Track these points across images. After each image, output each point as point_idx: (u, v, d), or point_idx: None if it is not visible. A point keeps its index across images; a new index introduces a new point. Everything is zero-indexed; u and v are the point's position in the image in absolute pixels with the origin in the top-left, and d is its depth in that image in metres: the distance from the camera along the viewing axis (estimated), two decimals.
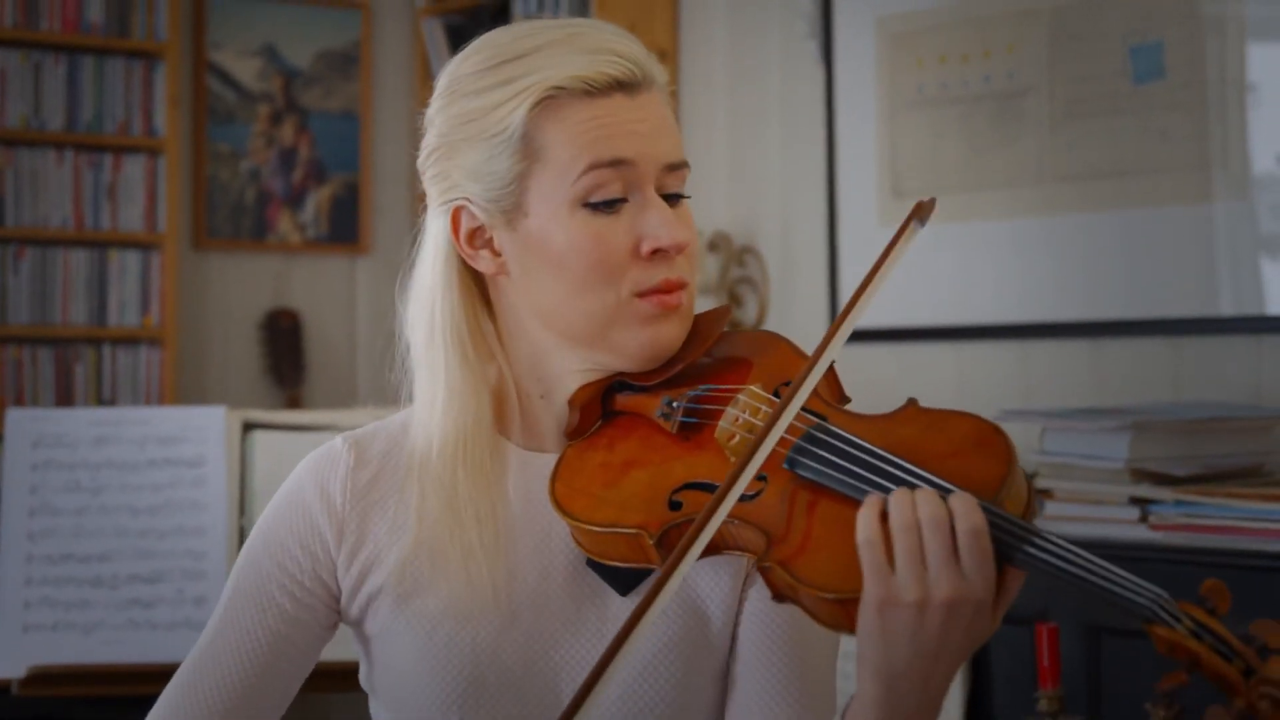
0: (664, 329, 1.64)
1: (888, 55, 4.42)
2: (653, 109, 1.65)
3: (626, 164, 1.62)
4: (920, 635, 1.41)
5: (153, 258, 5.44)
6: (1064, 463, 3.39)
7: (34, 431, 3.47)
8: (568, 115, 1.62)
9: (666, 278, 1.63)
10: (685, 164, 1.68)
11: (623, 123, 1.62)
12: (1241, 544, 3.10)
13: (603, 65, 1.62)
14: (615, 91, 1.62)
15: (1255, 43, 3.70)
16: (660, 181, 1.65)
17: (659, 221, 1.63)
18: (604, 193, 1.62)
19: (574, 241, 1.62)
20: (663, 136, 1.65)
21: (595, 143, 1.61)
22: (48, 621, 3.32)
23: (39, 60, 5.30)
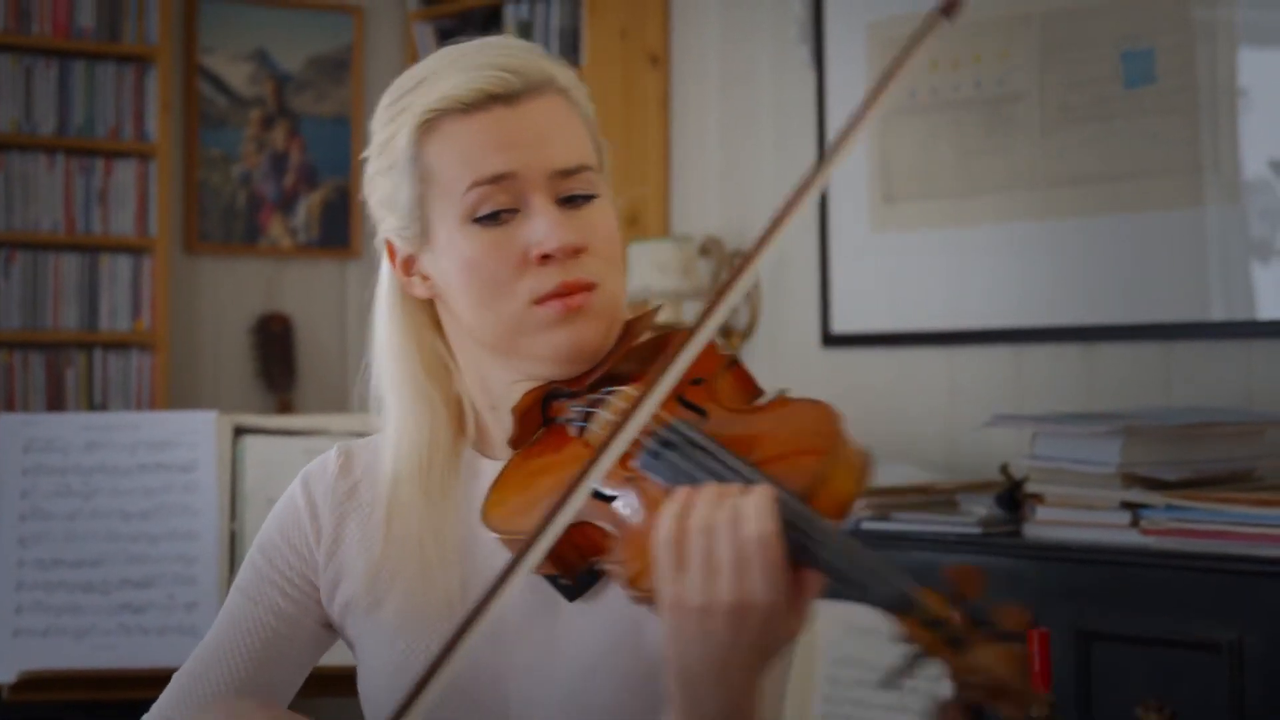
0: (573, 331, 1.65)
1: (879, 60, 4.43)
2: (537, 116, 1.66)
3: (508, 177, 1.64)
4: (709, 639, 1.39)
5: (144, 262, 5.43)
6: (1055, 467, 3.40)
7: (25, 436, 3.47)
8: (448, 135, 1.66)
9: (563, 280, 1.64)
10: (584, 167, 1.68)
11: (502, 134, 1.65)
12: (1233, 549, 3.10)
13: (476, 81, 1.65)
14: (493, 105, 1.65)
15: (1246, 48, 3.70)
16: (555, 187, 1.66)
17: (545, 227, 1.64)
18: (489, 206, 1.65)
19: (469, 257, 1.65)
20: (548, 143, 1.66)
21: (475, 160, 1.64)
22: (39, 626, 3.32)
23: (30, 64, 5.29)
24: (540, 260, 1.64)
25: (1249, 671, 3.01)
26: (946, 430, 4.26)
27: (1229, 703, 3.03)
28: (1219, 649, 3.04)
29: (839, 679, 3.54)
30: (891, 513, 3.67)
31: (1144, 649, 3.16)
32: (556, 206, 1.65)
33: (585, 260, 1.65)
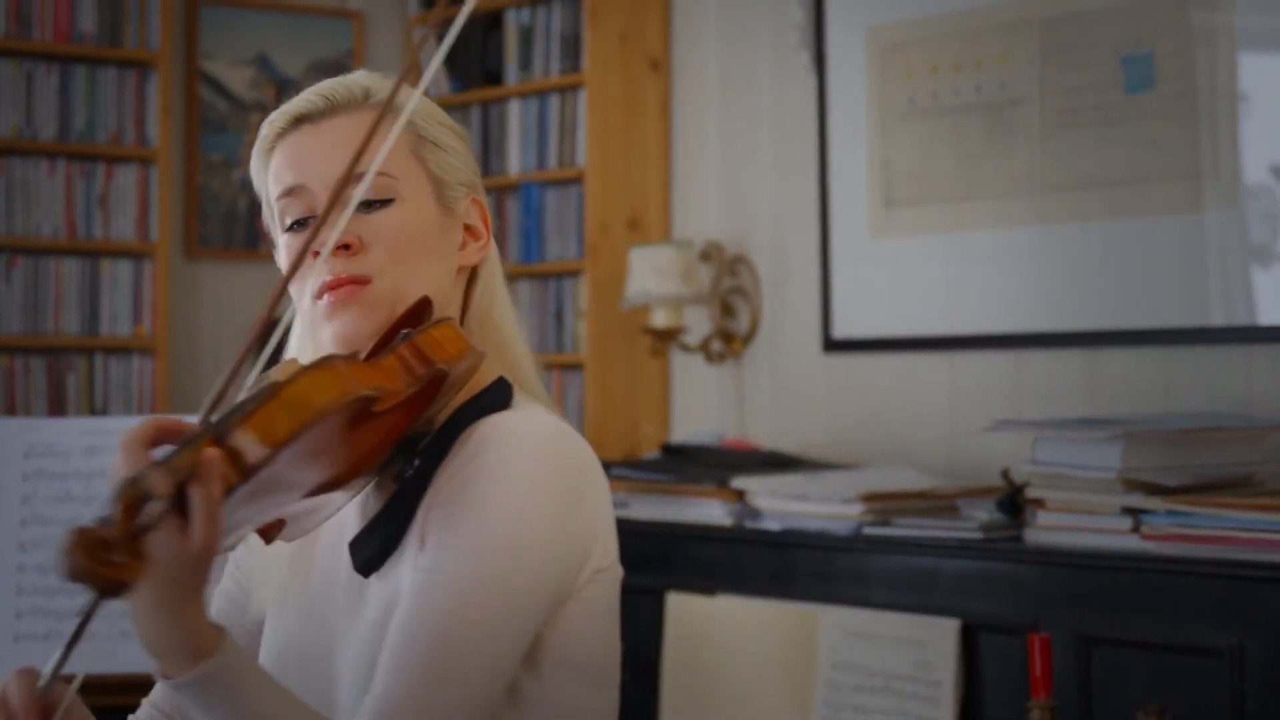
0: (340, 322, 1.80)
1: (879, 65, 4.43)
2: (337, 129, 1.83)
3: (298, 189, 1.84)
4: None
5: (145, 267, 5.44)
6: (1056, 472, 3.39)
7: (26, 441, 3.47)
8: (275, 155, 1.88)
9: (329, 275, 1.79)
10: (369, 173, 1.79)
11: (300, 151, 1.85)
12: (1233, 554, 3.10)
13: (291, 105, 1.87)
14: (301, 125, 1.85)
15: (1246, 53, 3.70)
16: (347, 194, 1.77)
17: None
18: (291, 215, 1.86)
19: (284, 257, 1.88)
20: (336, 152, 1.81)
21: (280, 175, 1.86)
22: (39, 631, 3.32)
23: (31, 69, 5.30)
24: (314, 256, 1.79)
25: (1249, 676, 3.01)
26: (947, 435, 4.26)
27: (1229, 708, 3.03)
28: (1219, 654, 3.04)
29: (839, 684, 3.54)
30: (892, 518, 3.67)
31: (1145, 654, 3.15)
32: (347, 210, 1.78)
33: (360, 257, 1.80)
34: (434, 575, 1.68)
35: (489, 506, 1.69)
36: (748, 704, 3.69)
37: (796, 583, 3.73)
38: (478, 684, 1.66)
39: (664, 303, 4.69)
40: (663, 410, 5.09)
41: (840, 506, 3.72)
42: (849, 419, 4.54)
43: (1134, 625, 3.18)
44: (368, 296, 1.79)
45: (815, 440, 4.58)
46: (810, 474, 4.09)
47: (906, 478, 3.98)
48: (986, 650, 3.38)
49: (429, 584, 1.67)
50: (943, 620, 3.42)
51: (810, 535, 3.75)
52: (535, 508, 1.70)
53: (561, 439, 1.76)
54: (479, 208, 1.92)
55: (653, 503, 4.10)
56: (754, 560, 3.83)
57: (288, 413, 1.54)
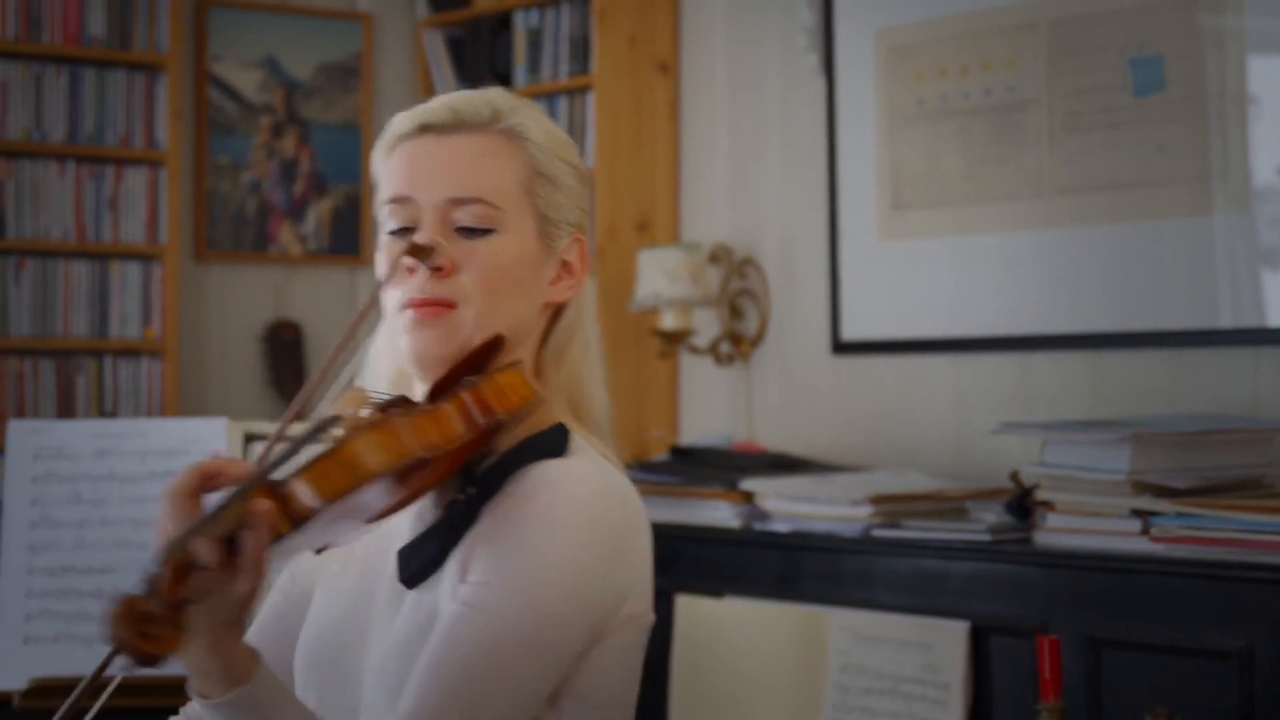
0: (421, 336, 1.82)
1: (887, 68, 4.43)
2: (458, 148, 1.86)
3: (406, 200, 1.86)
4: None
5: (154, 269, 5.44)
6: (1064, 475, 3.39)
7: (35, 443, 3.47)
8: (393, 157, 1.90)
9: (420, 292, 1.82)
10: (477, 200, 1.84)
11: (414, 161, 1.87)
12: (1242, 556, 3.10)
13: (417, 112, 1.90)
14: (425, 133, 1.88)
15: (1255, 55, 3.70)
16: (450, 214, 1.85)
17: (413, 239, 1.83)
18: (394, 222, 1.87)
19: (381, 259, 1.88)
20: (452, 172, 1.85)
21: (392, 180, 1.88)
22: (49, 634, 3.32)
23: (40, 72, 5.31)
24: (409, 271, 1.83)
25: (1258, 679, 3.01)
26: (955, 437, 4.26)
27: (1238, 710, 3.03)
28: (1228, 656, 3.04)
29: (847, 686, 3.54)
30: (901, 520, 3.67)
31: (1154, 656, 3.15)
32: (450, 232, 1.84)
33: (451, 281, 1.82)
34: (472, 610, 1.71)
35: (533, 553, 1.72)
36: (756, 706, 3.69)
37: (804, 585, 3.73)
38: (500, 717, 1.71)
39: (673, 305, 4.69)
40: (671, 412, 5.09)
41: (848, 509, 3.72)
42: (857, 421, 4.54)
43: (1143, 628, 3.17)
44: (450, 321, 1.82)
45: (823, 442, 4.58)
46: (818, 476, 4.09)
47: (915, 480, 3.98)
48: (995, 653, 3.38)
49: (466, 618, 1.71)
50: (951, 623, 3.42)
51: (818, 537, 3.75)
52: (577, 560, 1.74)
53: (610, 492, 1.79)
54: (579, 246, 1.93)
55: (661, 505, 4.10)
56: (762, 562, 3.83)
57: (342, 471, 1.59)
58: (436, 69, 5.79)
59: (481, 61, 5.60)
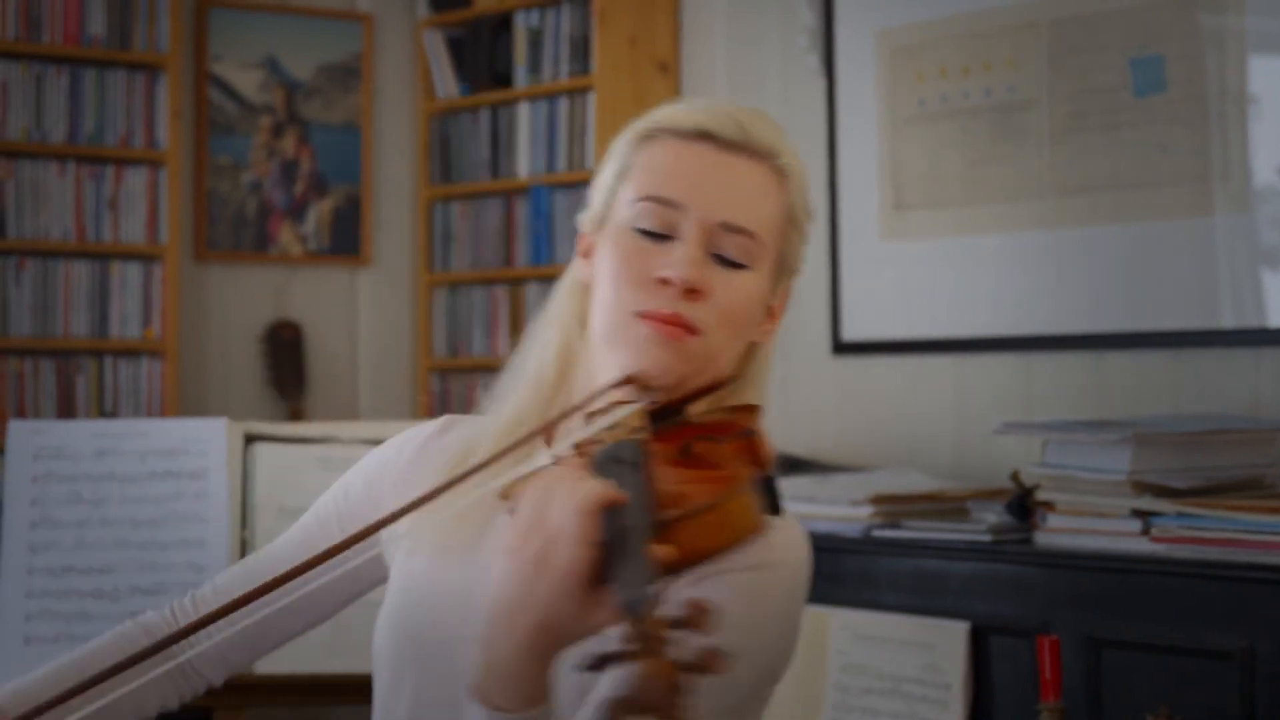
0: (656, 354, 1.72)
1: (888, 68, 4.43)
2: (735, 171, 1.76)
3: (675, 205, 1.75)
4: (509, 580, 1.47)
5: (154, 270, 5.44)
6: (1065, 475, 3.39)
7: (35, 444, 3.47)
8: (657, 149, 1.79)
9: (666, 309, 1.72)
10: (747, 232, 1.75)
11: (693, 168, 1.76)
12: (1243, 556, 3.10)
13: (701, 114, 1.79)
14: (705, 141, 1.77)
15: (1255, 56, 3.70)
16: (712, 237, 1.74)
17: (679, 256, 1.73)
18: (648, 222, 1.75)
19: (617, 254, 1.76)
20: (731, 195, 1.75)
21: (659, 179, 1.76)
22: (49, 634, 3.32)
23: (40, 72, 5.30)
24: (659, 283, 1.72)
25: (1259, 679, 3.01)
26: (956, 437, 4.26)
27: (1239, 710, 3.02)
28: (1229, 657, 3.04)
29: (847, 686, 3.54)
30: (901, 520, 3.67)
31: (1154, 656, 3.15)
32: (705, 255, 1.74)
33: (699, 306, 1.73)
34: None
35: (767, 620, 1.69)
36: None
37: None
38: None
39: None
40: None
41: (849, 509, 3.72)
42: (858, 421, 4.54)
43: (1144, 628, 3.17)
44: (688, 348, 1.73)
45: (824, 442, 4.58)
46: (819, 476, 4.09)
47: (915, 480, 3.98)
48: (996, 653, 3.38)
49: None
50: (952, 623, 3.42)
51: (819, 537, 3.73)
52: (796, 622, 1.74)
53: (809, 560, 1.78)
54: (786, 290, 1.88)
55: None
56: None
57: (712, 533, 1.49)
58: (437, 69, 5.79)
59: (482, 62, 5.60)
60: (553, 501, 1.46)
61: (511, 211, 5.53)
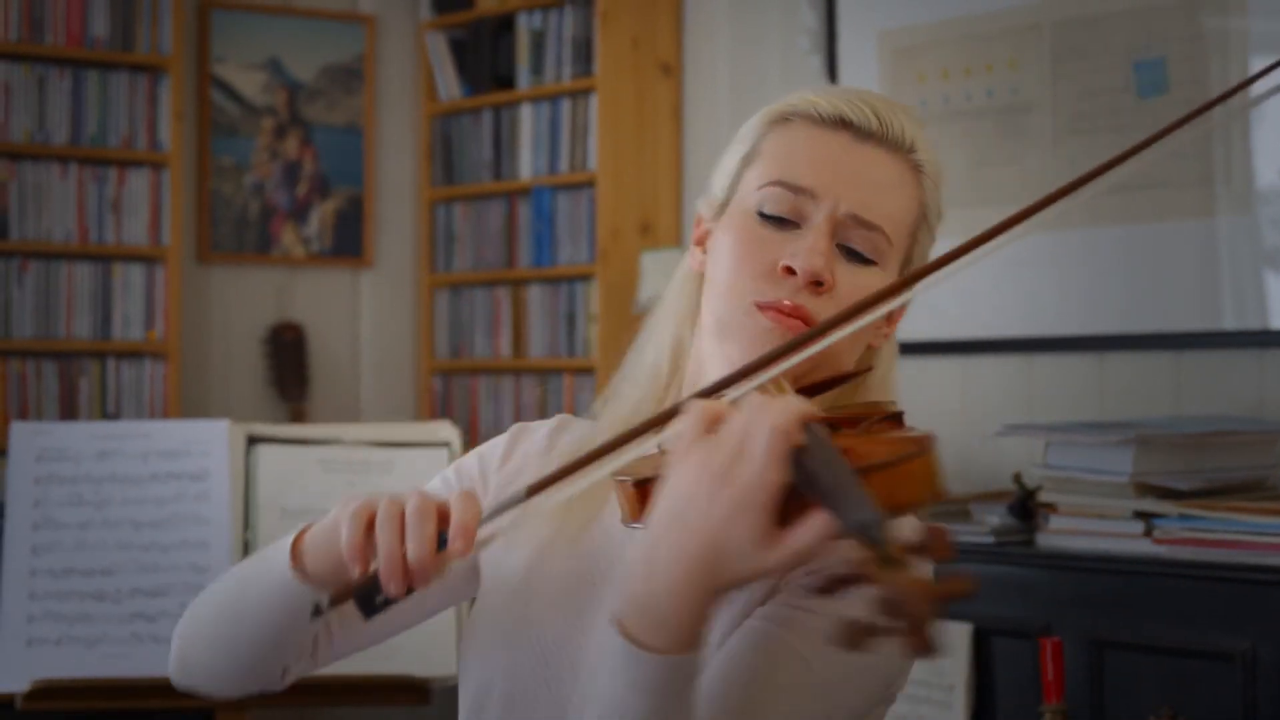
0: (767, 348, 1.59)
1: (891, 70, 4.43)
2: (872, 163, 1.70)
3: (806, 192, 1.67)
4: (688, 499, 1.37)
5: (157, 271, 5.44)
6: (1068, 476, 3.39)
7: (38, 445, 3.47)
8: (790, 133, 1.72)
9: (789, 300, 1.64)
10: (879, 229, 1.69)
11: (827, 156, 1.69)
12: (1245, 558, 3.10)
13: (841, 104, 1.71)
14: (842, 129, 1.70)
15: (1258, 57, 3.70)
16: (842, 229, 1.67)
17: (806, 246, 1.65)
18: (774, 208, 1.68)
19: (738, 239, 1.68)
20: (865, 188, 1.68)
21: (791, 164, 1.69)
22: (51, 635, 3.32)
23: (43, 74, 5.31)
24: (784, 272, 1.65)
25: (1261, 680, 3.01)
26: (959, 439, 4.25)
27: (1241, 712, 3.02)
28: (1231, 658, 3.04)
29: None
30: None
31: (1157, 658, 3.15)
32: (832, 245, 1.66)
33: (822, 300, 1.65)
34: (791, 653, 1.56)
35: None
36: None
37: None
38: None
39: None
40: None
41: None
42: None
43: (1146, 629, 3.17)
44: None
45: None
46: None
47: None
48: (999, 654, 3.38)
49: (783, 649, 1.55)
50: (955, 625, 3.42)
51: None
52: None
53: None
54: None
55: None
56: None
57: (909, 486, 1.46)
58: (439, 71, 5.79)
59: (484, 63, 5.60)
60: (749, 416, 1.38)
61: (513, 213, 5.53)
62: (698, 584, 1.37)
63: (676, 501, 1.38)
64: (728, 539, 1.35)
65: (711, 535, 1.36)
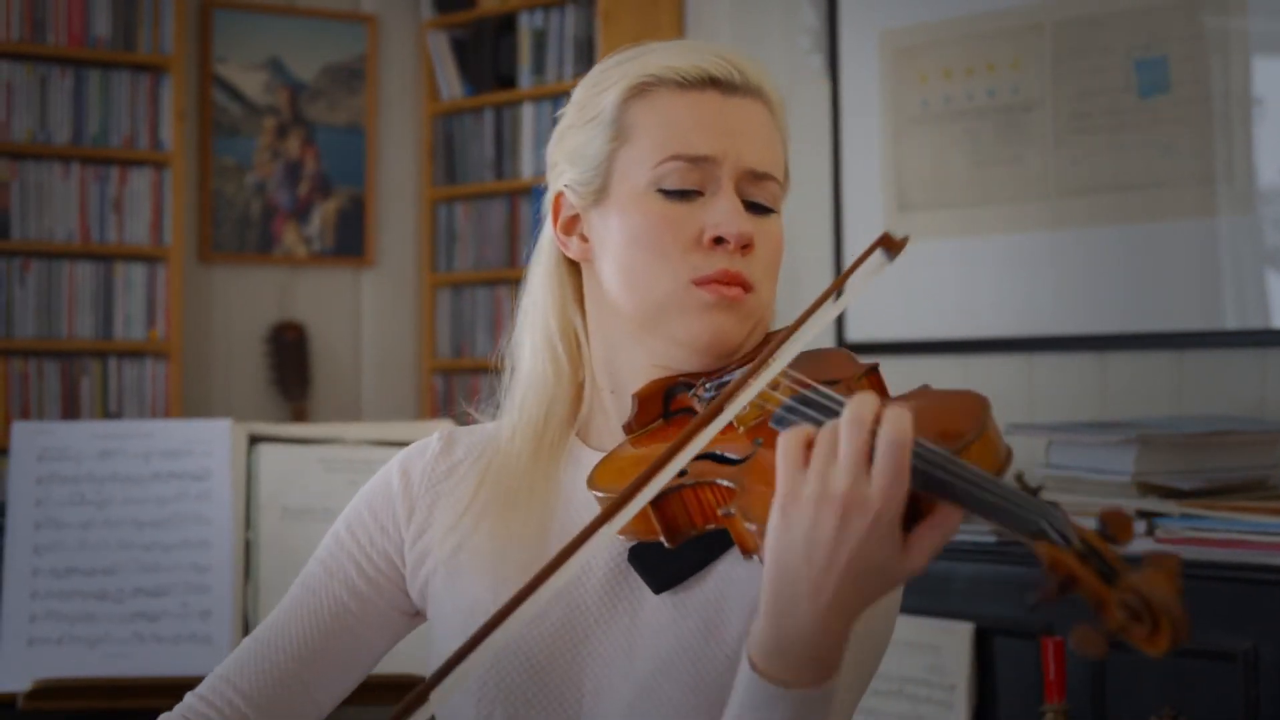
0: (719, 322, 1.64)
1: (892, 69, 4.43)
2: (747, 114, 1.67)
3: (706, 160, 1.65)
4: (814, 534, 1.35)
5: (158, 271, 5.45)
6: (1069, 476, 3.39)
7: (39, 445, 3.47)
8: (658, 103, 1.67)
9: (725, 268, 1.63)
10: (773, 177, 1.68)
11: (710, 117, 1.66)
12: (1247, 558, 3.10)
13: (700, 61, 1.67)
14: (709, 87, 1.67)
15: (1260, 57, 3.70)
16: (742, 186, 1.66)
17: (725, 212, 1.64)
18: (678, 182, 1.65)
19: (644, 222, 1.65)
20: (752, 141, 1.67)
21: (680, 134, 1.65)
22: (53, 635, 3.32)
23: (45, 73, 5.31)
24: (712, 243, 1.64)
25: (1263, 680, 3.00)
26: None
27: (1243, 712, 3.02)
28: (1233, 658, 3.03)
29: None
30: None
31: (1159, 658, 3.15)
32: (740, 204, 1.66)
33: (751, 260, 1.65)
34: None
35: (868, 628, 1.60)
36: None
37: None
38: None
39: None
40: None
41: None
42: None
43: None
44: (747, 306, 1.66)
45: None
46: None
47: None
48: (1000, 655, 3.38)
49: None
50: (956, 624, 3.42)
51: None
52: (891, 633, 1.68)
53: None
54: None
55: None
56: None
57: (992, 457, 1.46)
58: (441, 70, 5.79)
59: (486, 63, 5.60)
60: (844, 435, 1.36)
61: (515, 212, 5.53)
62: (843, 613, 1.38)
63: (798, 542, 1.37)
64: (868, 563, 1.35)
65: (851, 565, 1.35)
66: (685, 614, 1.62)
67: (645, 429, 1.67)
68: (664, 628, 1.63)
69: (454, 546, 1.73)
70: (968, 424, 1.44)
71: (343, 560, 1.79)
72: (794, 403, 1.52)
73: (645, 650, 1.63)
